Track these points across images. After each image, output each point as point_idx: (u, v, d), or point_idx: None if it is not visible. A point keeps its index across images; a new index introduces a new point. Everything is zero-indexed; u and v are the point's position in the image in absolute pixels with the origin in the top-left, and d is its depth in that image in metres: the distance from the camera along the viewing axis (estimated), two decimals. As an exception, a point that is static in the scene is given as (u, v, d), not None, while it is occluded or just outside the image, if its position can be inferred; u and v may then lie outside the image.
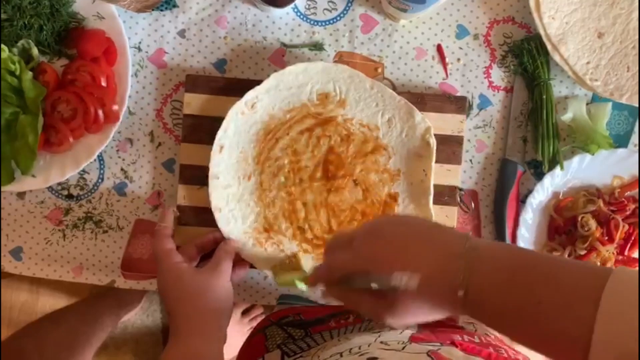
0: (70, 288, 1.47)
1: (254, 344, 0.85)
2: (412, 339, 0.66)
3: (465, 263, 0.48)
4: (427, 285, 0.49)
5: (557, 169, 0.77)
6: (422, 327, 0.74)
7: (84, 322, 1.22)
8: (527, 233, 0.79)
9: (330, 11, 0.79)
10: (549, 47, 0.77)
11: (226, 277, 0.69)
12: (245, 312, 1.44)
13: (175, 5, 0.79)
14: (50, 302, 1.49)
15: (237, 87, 0.75)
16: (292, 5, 0.77)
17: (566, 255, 0.77)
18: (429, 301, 0.51)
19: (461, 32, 0.80)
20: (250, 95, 0.74)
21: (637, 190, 0.79)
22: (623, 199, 0.77)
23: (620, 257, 0.77)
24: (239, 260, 0.76)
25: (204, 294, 0.67)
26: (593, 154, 0.77)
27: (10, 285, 1.48)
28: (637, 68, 0.77)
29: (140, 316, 1.51)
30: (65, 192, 0.79)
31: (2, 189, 0.75)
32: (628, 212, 0.77)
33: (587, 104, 0.79)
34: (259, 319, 1.39)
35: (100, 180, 0.79)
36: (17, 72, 0.72)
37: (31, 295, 1.50)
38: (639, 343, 0.37)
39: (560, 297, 0.43)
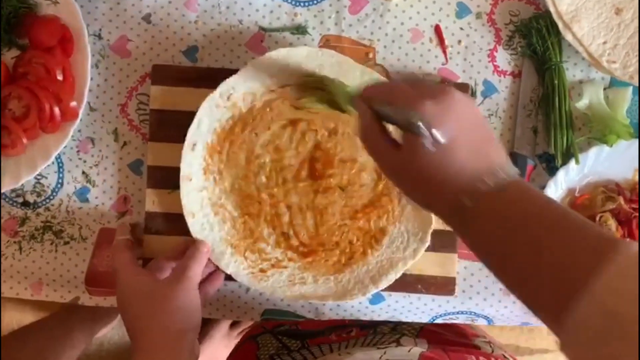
0: (38, 301, 1.45)
1: (244, 352, 0.85)
2: (422, 359, 0.65)
3: (486, 187, 0.50)
4: (444, 182, 0.51)
5: (572, 163, 0.75)
6: (433, 344, 0.73)
7: (53, 340, 1.21)
8: (540, 235, 0.76)
9: (314, -11, 0.78)
10: (560, 25, 0.75)
11: (191, 285, 0.68)
12: (234, 324, 1.43)
13: (139, -14, 0.77)
14: (17, 318, 1.47)
15: (211, 77, 0.74)
16: (270, -17, 0.75)
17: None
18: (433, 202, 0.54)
19: (462, 10, 0.78)
20: (225, 85, 0.72)
21: (662, 184, 0.77)
22: (646, 195, 0.76)
23: (644, 260, 0.75)
24: (214, 271, 0.75)
25: (164, 306, 0.66)
26: (612, 145, 0.75)
27: (-29, 300, 1.46)
28: (660, 47, 0.75)
29: (117, 330, 1.49)
30: (21, 200, 0.78)
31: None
32: (652, 210, 0.75)
33: (604, 89, 0.78)
34: (249, 331, 1.38)
35: (59, 186, 0.78)
36: (-38, 66, 0.71)
37: (-5, 311, 1.48)
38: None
39: (565, 251, 0.45)
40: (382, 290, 0.75)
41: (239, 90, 0.73)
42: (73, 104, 0.73)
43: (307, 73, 0.73)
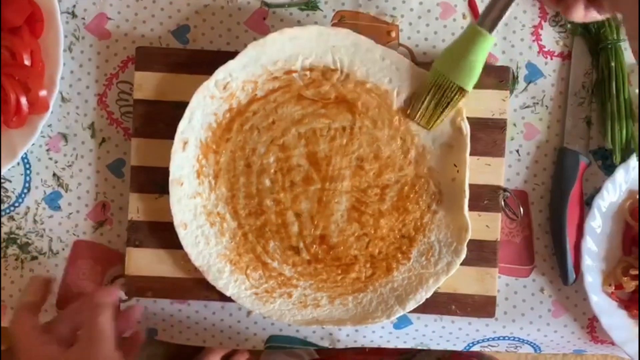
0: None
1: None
2: None
3: None
4: None
5: (633, 160, 0.75)
6: None
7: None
8: (595, 245, 0.76)
9: (325, -42, 0.78)
10: (617, -3, 0.74)
11: (107, 346, 0.62)
12: (229, 355, 1.41)
13: (119, -44, 0.78)
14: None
15: (205, 62, 0.74)
16: (274, -49, 0.75)
17: (648, 274, 0.74)
18: None
19: (500, -20, 0.78)
20: (221, 72, 0.72)
21: None
22: None
23: None
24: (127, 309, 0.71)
25: None
26: (681, 139, 0.75)
27: None
28: None
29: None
30: (-21, 208, 0.78)
31: None
32: None
33: (670, 71, 0.77)
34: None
35: (25, 190, 0.77)
36: None
37: None
38: None
39: None
40: (409, 313, 0.74)
41: (237, 78, 0.73)
42: (43, 93, 0.73)
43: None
